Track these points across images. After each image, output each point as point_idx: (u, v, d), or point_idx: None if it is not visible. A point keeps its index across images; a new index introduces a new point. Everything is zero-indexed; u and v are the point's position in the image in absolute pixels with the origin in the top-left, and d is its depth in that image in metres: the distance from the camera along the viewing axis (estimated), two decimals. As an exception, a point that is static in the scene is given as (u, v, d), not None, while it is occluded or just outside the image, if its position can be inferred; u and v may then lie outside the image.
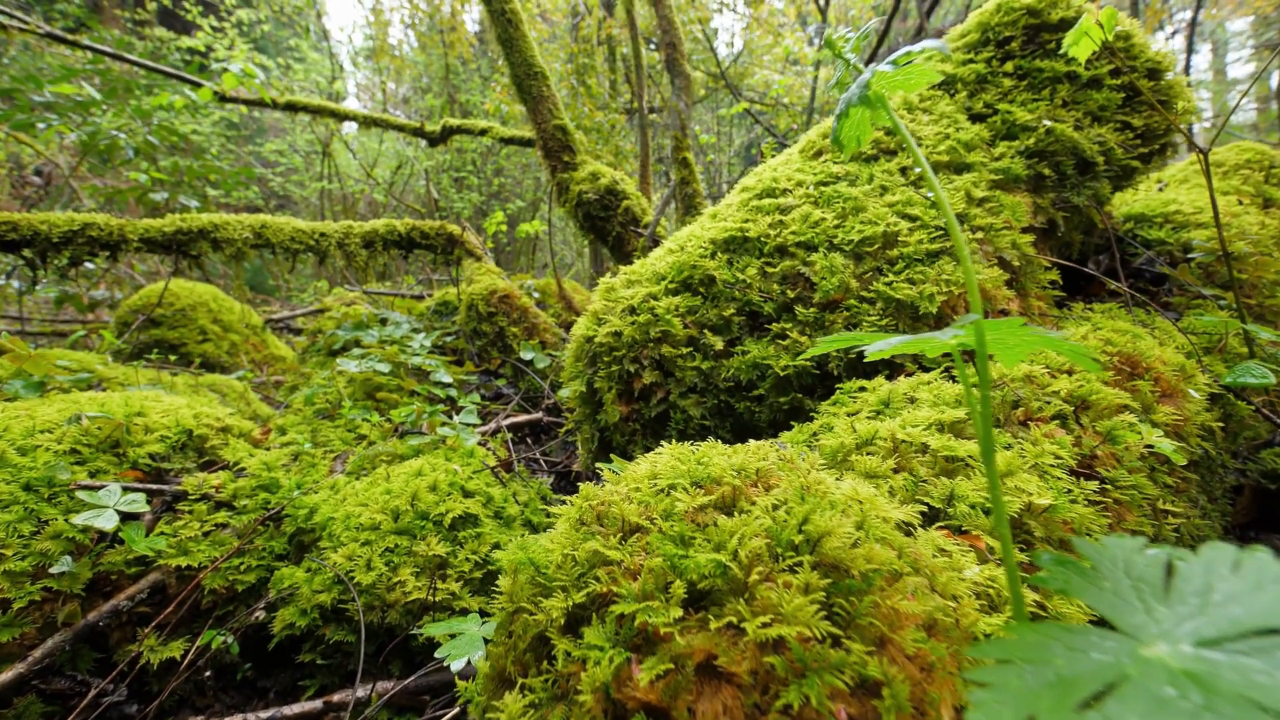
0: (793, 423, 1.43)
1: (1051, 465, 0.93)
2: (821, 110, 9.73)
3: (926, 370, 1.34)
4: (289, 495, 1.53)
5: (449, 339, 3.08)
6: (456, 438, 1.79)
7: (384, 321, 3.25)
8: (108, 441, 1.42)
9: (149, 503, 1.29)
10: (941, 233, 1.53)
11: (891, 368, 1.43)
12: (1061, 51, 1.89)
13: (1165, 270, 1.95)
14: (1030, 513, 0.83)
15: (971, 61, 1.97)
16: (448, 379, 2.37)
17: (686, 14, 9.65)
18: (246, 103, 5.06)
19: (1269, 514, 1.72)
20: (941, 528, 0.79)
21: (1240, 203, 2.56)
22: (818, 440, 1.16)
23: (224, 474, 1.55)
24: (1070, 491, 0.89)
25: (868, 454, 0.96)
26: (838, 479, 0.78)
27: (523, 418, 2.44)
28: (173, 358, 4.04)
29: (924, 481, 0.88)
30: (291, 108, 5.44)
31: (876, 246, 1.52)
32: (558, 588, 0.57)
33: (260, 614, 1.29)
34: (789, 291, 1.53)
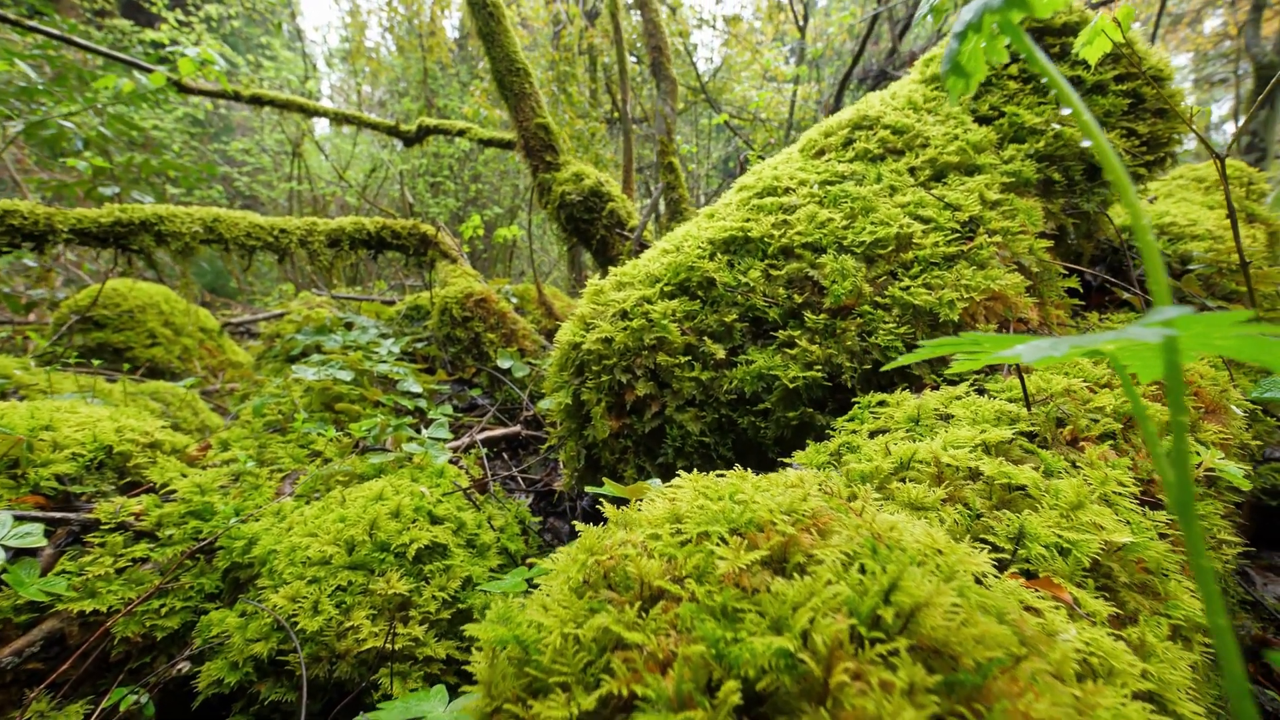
0: (807, 441, 1.29)
1: (1117, 493, 0.80)
2: (799, 125, 9.79)
3: (952, 384, 1.22)
4: (225, 523, 1.33)
5: (420, 345, 2.88)
6: (425, 455, 1.60)
7: (349, 326, 3.03)
8: (4, 461, 1.21)
9: (49, 535, 1.08)
10: (958, 235, 1.42)
11: (910, 380, 1.31)
12: (1071, 54, 1.83)
13: (1169, 282, 1.88)
14: (1108, 552, 0.70)
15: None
16: (417, 388, 2.18)
17: (669, 27, 9.64)
18: (206, 94, 4.80)
19: (1267, 530, 1.66)
20: (1015, 574, 0.65)
21: (1228, 217, 2.55)
22: (841, 462, 1.02)
23: (148, 498, 1.34)
24: (1141, 525, 0.76)
25: (909, 481, 0.82)
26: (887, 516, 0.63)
27: (499, 431, 2.26)
28: (125, 365, 3.74)
29: (980, 515, 0.75)
30: (257, 101, 5.19)
31: (890, 249, 1.40)
32: (555, 684, 0.41)
33: (184, 666, 1.09)
34: (796, 296, 1.40)
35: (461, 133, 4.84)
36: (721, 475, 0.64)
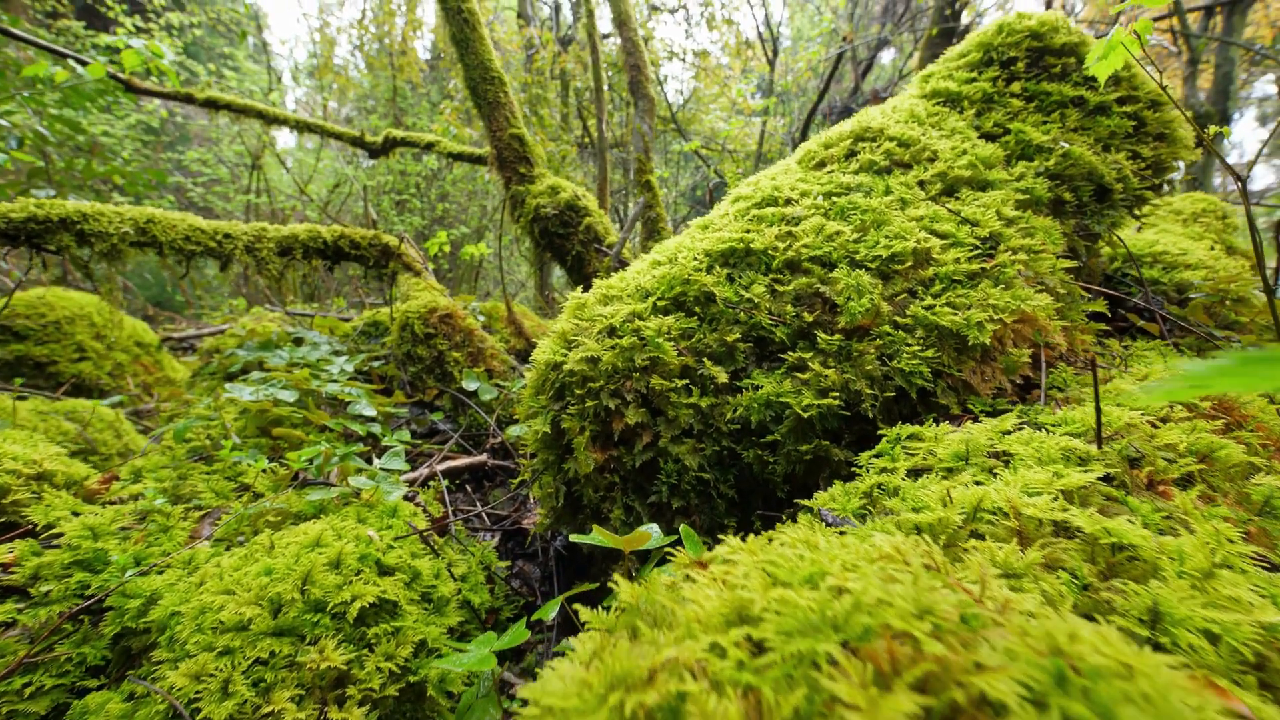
0: (820, 478, 1.12)
1: (1234, 554, 0.66)
2: (766, 157, 9.94)
3: (990, 415, 1.08)
4: (119, 576, 1.08)
5: (377, 364, 2.63)
6: (375, 490, 1.38)
7: (298, 341, 2.77)
8: None
9: None
10: (978, 252, 1.30)
11: (936, 410, 1.17)
12: (1071, 75, 1.78)
13: (1174, 310, 1.82)
14: (1266, 640, 0.54)
15: (974, 80, 1.82)
16: (370, 411, 1.95)
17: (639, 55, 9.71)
18: (156, 94, 4.50)
19: None
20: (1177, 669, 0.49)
21: (1212, 248, 2.56)
22: (878, 507, 0.85)
23: (23, 544, 1.08)
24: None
25: (986, 538, 0.66)
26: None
27: (463, 461, 2.03)
28: (63, 383, 3.36)
29: (1088, 586, 0.59)
30: (212, 104, 4.90)
31: (907, 265, 1.27)
32: None
33: (39, 773, 0.84)
34: (805, 314, 1.25)
35: (430, 146, 4.66)
36: (784, 543, 0.46)
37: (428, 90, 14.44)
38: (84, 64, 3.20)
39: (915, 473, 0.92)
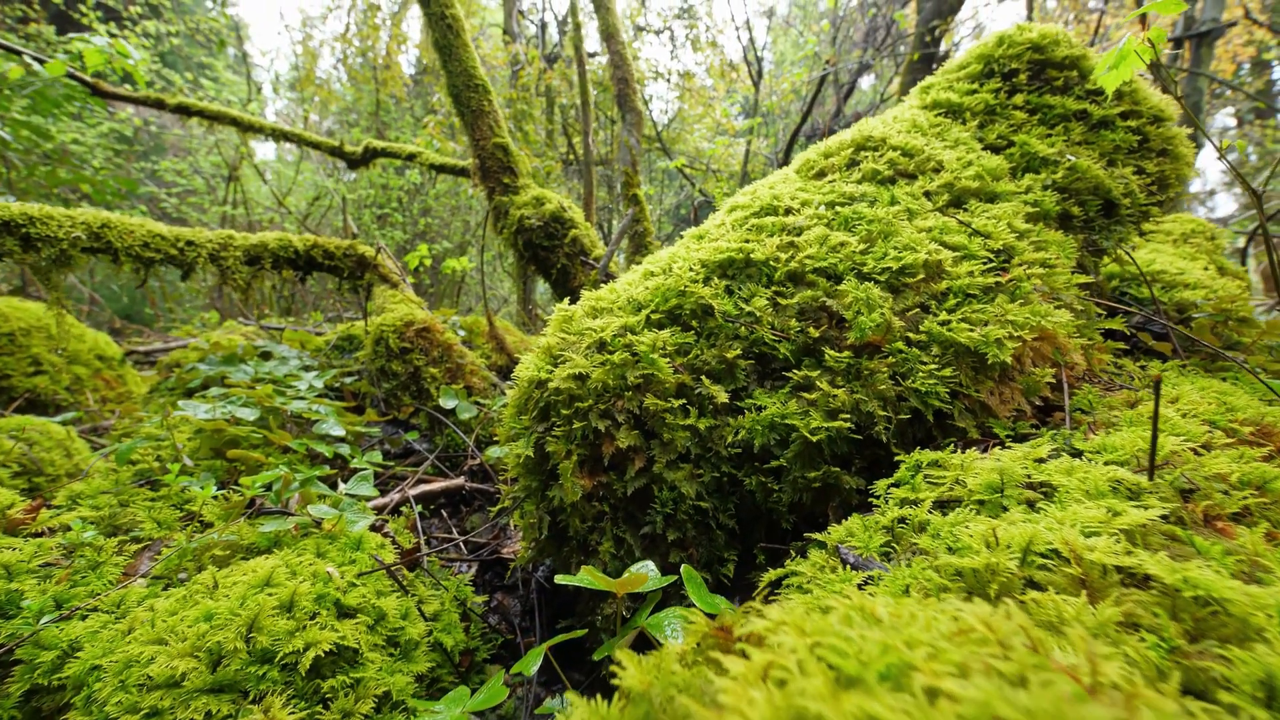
0: (830, 507, 1.03)
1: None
2: (750, 176, 10.02)
3: (1018, 440, 1.00)
4: (33, 624, 0.93)
5: (349, 380, 2.49)
6: (338, 519, 1.24)
7: (266, 355, 2.61)
8: None
9: None
10: (993, 265, 1.23)
11: (954, 434, 1.08)
12: (1085, 85, 1.74)
13: (1180, 329, 1.77)
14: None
15: (976, 92, 1.78)
16: (339, 431, 1.81)
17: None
18: (125, 99, 4.34)
19: None
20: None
21: (1205, 268, 2.55)
22: (901, 543, 0.76)
23: (-82, 587, 0.93)
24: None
25: (1047, 588, 0.57)
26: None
27: (438, 484, 1.90)
28: (16, 398, 3.15)
29: (1175, 649, 0.50)
30: (184, 110, 4.75)
31: (918, 278, 1.20)
32: None
33: None
34: (811, 329, 1.16)
35: (412, 157, 4.55)
36: (835, 612, 0.36)
37: (411, 105, 14.38)
38: (39, 60, 3.06)
39: (943, 505, 0.83)
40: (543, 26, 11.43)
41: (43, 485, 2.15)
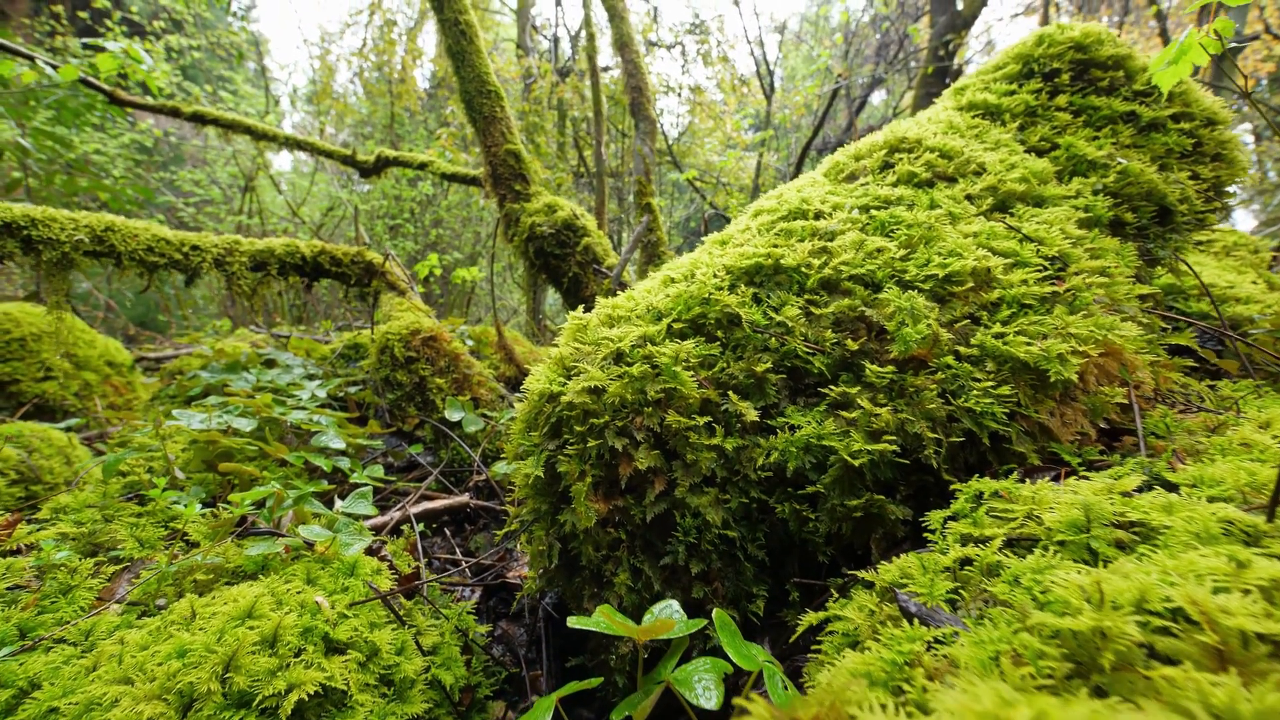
0: (872, 538, 0.92)
1: None
2: (762, 189, 9.98)
3: (1094, 468, 0.89)
4: (-14, 658, 0.84)
5: (354, 389, 2.41)
6: (332, 542, 1.15)
7: (270, 363, 2.54)
8: None
9: None
10: (1048, 273, 1.12)
11: (1012, 459, 0.97)
12: (1132, 85, 1.64)
13: (1244, 346, 1.65)
14: None
15: (1015, 93, 1.68)
16: (339, 443, 1.72)
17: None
18: (140, 106, 4.35)
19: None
20: None
21: (1254, 282, 2.42)
22: (973, 591, 0.65)
23: None
24: None
25: (1175, 659, 0.46)
26: None
27: (441, 502, 1.80)
28: (24, 404, 3.12)
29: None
30: (199, 119, 4.76)
31: (966, 286, 1.09)
32: None
33: None
34: (849, 341, 1.06)
35: (423, 166, 4.52)
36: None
37: (425, 118, 14.51)
38: (55, 68, 3.06)
39: (1014, 544, 0.72)
40: (555, 41, 11.50)
41: (40, 493, 2.08)
